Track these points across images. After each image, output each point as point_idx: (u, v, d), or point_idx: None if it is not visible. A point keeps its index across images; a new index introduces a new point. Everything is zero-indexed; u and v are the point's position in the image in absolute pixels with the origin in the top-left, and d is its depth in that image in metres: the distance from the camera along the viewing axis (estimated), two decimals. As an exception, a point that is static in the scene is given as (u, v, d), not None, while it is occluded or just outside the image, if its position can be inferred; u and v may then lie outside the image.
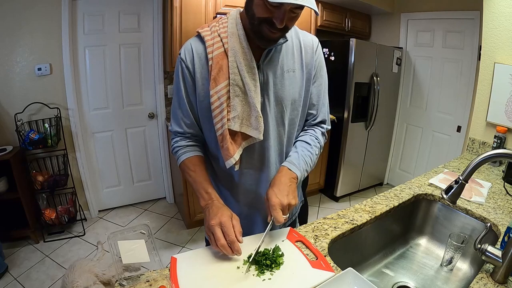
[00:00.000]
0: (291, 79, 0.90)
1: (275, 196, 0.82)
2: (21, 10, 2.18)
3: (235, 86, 0.83)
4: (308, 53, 0.93)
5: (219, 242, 0.75)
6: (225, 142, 0.85)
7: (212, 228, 0.77)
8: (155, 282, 0.73)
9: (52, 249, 2.33)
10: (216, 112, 0.84)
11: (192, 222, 2.61)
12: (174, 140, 0.97)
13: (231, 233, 0.76)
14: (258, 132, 0.85)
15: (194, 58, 0.86)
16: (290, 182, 0.86)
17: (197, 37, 0.89)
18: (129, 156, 2.92)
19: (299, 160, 0.92)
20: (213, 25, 0.88)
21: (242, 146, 0.88)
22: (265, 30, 0.77)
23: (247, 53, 0.83)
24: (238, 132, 0.86)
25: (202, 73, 0.86)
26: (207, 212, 0.83)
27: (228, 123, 0.84)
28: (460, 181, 0.81)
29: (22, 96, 2.29)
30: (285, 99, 0.89)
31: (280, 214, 0.80)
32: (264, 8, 0.73)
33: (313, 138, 0.98)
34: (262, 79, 0.86)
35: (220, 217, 0.79)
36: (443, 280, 1.04)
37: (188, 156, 0.93)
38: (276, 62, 0.88)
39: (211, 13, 2.32)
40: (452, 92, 2.94)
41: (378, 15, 3.43)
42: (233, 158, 0.86)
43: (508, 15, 1.59)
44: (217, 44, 0.84)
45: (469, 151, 1.86)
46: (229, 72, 0.83)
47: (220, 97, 0.83)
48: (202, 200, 0.88)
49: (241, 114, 0.85)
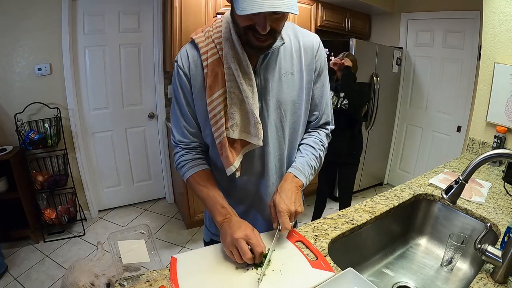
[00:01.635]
0: (289, 82, 0.87)
1: (283, 202, 0.81)
2: (21, 10, 2.18)
3: (231, 94, 0.81)
4: (308, 55, 0.89)
5: (246, 256, 0.73)
6: (224, 150, 0.83)
7: (237, 242, 0.75)
8: (155, 282, 0.73)
9: (52, 249, 2.32)
10: (213, 120, 0.82)
11: (192, 222, 2.61)
12: (179, 154, 0.93)
13: (259, 245, 0.75)
14: (258, 138, 0.84)
15: (190, 65, 0.84)
16: (296, 189, 0.86)
17: (191, 44, 0.86)
18: (129, 156, 2.92)
19: (304, 166, 0.90)
20: (207, 30, 0.85)
21: (242, 153, 0.87)
22: (252, 39, 0.74)
23: (242, 59, 0.80)
24: (237, 140, 0.84)
25: (198, 80, 0.84)
26: (227, 226, 0.80)
27: (227, 131, 0.82)
28: (460, 181, 0.81)
29: (22, 96, 2.29)
30: (284, 103, 0.87)
31: (288, 221, 0.79)
32: (245, 16, 0.69)
33: (317, 141, 0.96)
34: (260, 84, 0.84)
35: (244, 230, 0.77)
36: (443, 280, 1.04)
37: (196, 170, 0.90)
38: (273, 66, 0.85)
39: (211, 13, 2.32)
40: (452, 92, 2.94)
41: (378, 15, 3.43)
42: (233, 166, 0.85)
43: (508, 15, 1.59)
44: (211, 51, 0.82)
45: (469, 151, 1.86)
46: (225, 79, 0.81)
47: (217, 106, 0.81)
48: (219, 215, 0.84)
49: (240, 121, 0.83)
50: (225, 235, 0.79)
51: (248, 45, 0.77)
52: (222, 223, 0.83)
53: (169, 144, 2.93)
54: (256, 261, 0.75)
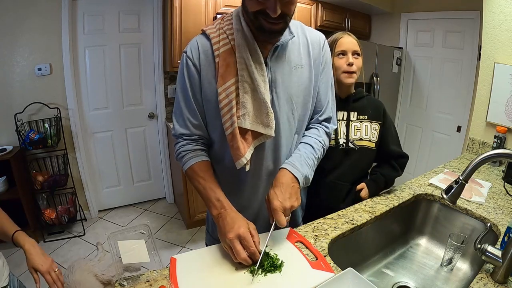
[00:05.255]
0: (300, 76, 0.88)
1: (276, 199, 0.80)
2: (21, 10, 2.18)
3: (244, 83, 0.81)
4: (316, 49, 0.91)
5: (240, 256, 0.73)
6: (235, 141, 0.82)
7: (231, 242, 0.74)
8: (155, 282, 0.73)
9: (52, 249, 2.32)
10: (224, 110, 0.82)
11: (192, 222, 2.61)
12: (179, 144, 0.91)
13: (251, 246, 0.74)
14: (270, 128, 0.82)
15: (200, 56, 0.84)
16: (292, 182, 0.83)
17: (202, 35, 0.87)
18: (129, 156, 2.92)
19: (302, 163, 0.88)
20: (218, 23, 0.86)
21: (253, 145, 0.85)
22: (264, 22, 0.75)
23: (254, 49, 0.81)
24: (248, 131, 0.83)
25: (208, 71, 0.84)
26: (221, 223, 0.79)
27: (238, 120, 0.81)
28: (460, 181, 0.81)
29: (22, 96, 2.30)
30: (295, 95, 0.87)
31: (283, 218, 0.78)
32: (255, 1, 0.73)
33: (317, 142, 0.94)
34: (270, 77, 0.84)
35: (237, 229, 0.76)
36: (443, 280, 1.04)
37: (196, 161, 0.88)
38: (283, 59, 0.86)
39: (211, 13, 2.32)
40: (452, 92, 2.94)
41: (378, 15, 3.42)
42: (244, 157, 0.82)
43: (508, 15, 1.59)
44: (223, 41, 0.82)
45: (469, 151, 1.86)
46: (237, 69, 0.81)
47: (229, 95, 0.81)
48: (214, 209, 0.83)
49: (251, 111, 0.82)
50: (220, 233, 0.80)
51: (261, 30, 0.77)
52: (217, 218, 0.82)
53: (169, 144, 2.93)
54: (253, 259, 0.75)
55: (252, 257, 0.75)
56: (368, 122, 1.18)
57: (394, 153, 1.19)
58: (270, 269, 0.75)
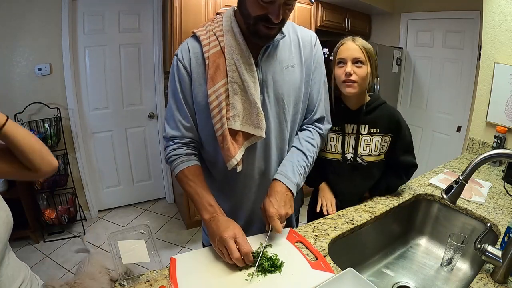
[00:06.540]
0: (291, 75, 0.88)
1: (272, 206, 0.82)
2: (21, 10, 2.18)
3: (233, 84, 0.81)
4: (307, 48, 0.91)
5: (234, 255, 0.73)
6: (225, 142, 0.83)
7: (226, 241, 0.75)
8: (155, 282, 0.73)
9: (52, 249, 2.32)
10: (215, 112, 0.82)
11: (192, 222, 2.61)
12: (170, 147, 0.91)
13: (245, 244, 0.75)
14: (261, 129, 0.83)
15: (191, 58, 0.84)
16: (286, 191, 0.86)
17: (193, 37, 0.87)
18: (129, 156, 2.92)
19: (294, 172, 0.89)
20: (208, 25, 0.86)
21: (244, 146, 0.86)
22: (261, 28, 0.75)
23: (244, 50, 0.81)
24: (239, 132, 0.84)
25: (198, 73, 0.84)
26: (215, 225, 0.80)
27: (228, 122, 0.82)
28: (460, 181, 0.81)
29: (22, 96, 2.29)
30: (286, 95, 0.87)
31: (279, 224, 0.80)
32: (258, 5, 0.72)
33: (310, 147, 0.94)
34: (261, 77, 0.84)
35: (233, 229, 0.77)
36: (443, 280, 1.04)
37: (187, 165, 0.88)
38: (274, 58, 0.86)
39: (211, 13, 2.32)
40: (452, 92, 2.94)
41: (378, 15, 3.42)
42: (234, 158, 0.83)
43: (508, 15, 1.59)
44: (213, 43, 0.83)
45: (469, 151, 1.86)
46: (227, 70, 0.81)
47: (219, 96, 0.81)
48: (206, 213, 0.84)
49: (241, 112, 0.83)
50: (213, 235, 0.79)
51: (256, 35, 0.78)
52: (209, 221, 0.83)
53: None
54: (246, 261, 0.75)
55: (246, 258, 0.74)
56: (379, 137, 1.08)
57: (403, 164, 1.13)
58: (270, 270, 0.75)
